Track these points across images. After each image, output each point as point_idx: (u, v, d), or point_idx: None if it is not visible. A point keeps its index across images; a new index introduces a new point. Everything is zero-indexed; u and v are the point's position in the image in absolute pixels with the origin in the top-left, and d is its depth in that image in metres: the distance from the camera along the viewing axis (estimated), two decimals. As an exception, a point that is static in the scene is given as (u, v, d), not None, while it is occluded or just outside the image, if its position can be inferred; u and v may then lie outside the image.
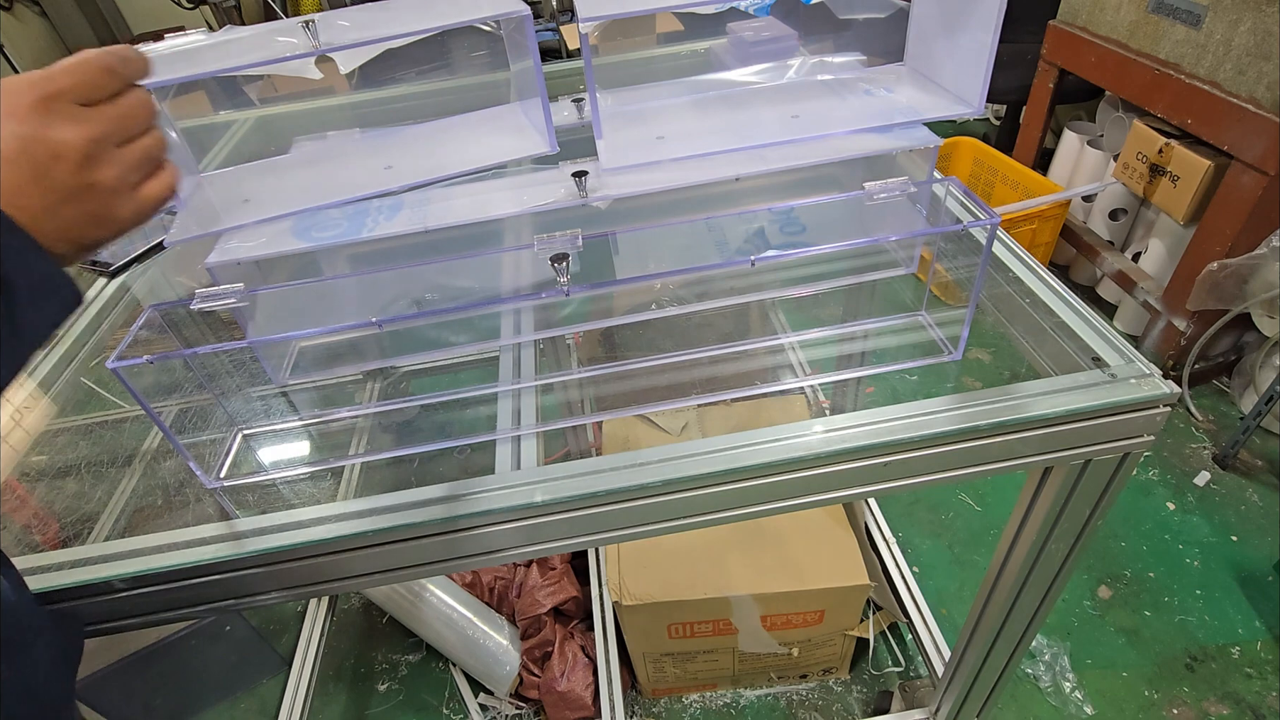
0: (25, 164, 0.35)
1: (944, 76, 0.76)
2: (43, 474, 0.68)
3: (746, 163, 0.69)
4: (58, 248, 0.36)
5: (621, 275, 0.67)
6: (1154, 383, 0.59)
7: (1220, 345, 1.78)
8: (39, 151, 0.35)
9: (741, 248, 0.64)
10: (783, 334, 0.80)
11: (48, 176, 0.35)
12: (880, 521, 1.42)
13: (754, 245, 0.70)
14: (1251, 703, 1.25)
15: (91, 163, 0.37)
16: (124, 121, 0.39)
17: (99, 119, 0.37)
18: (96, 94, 0.38)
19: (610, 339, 0.83)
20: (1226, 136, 1.52)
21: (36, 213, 0.35)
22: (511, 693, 1.32)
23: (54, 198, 0.36)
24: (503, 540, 0.58)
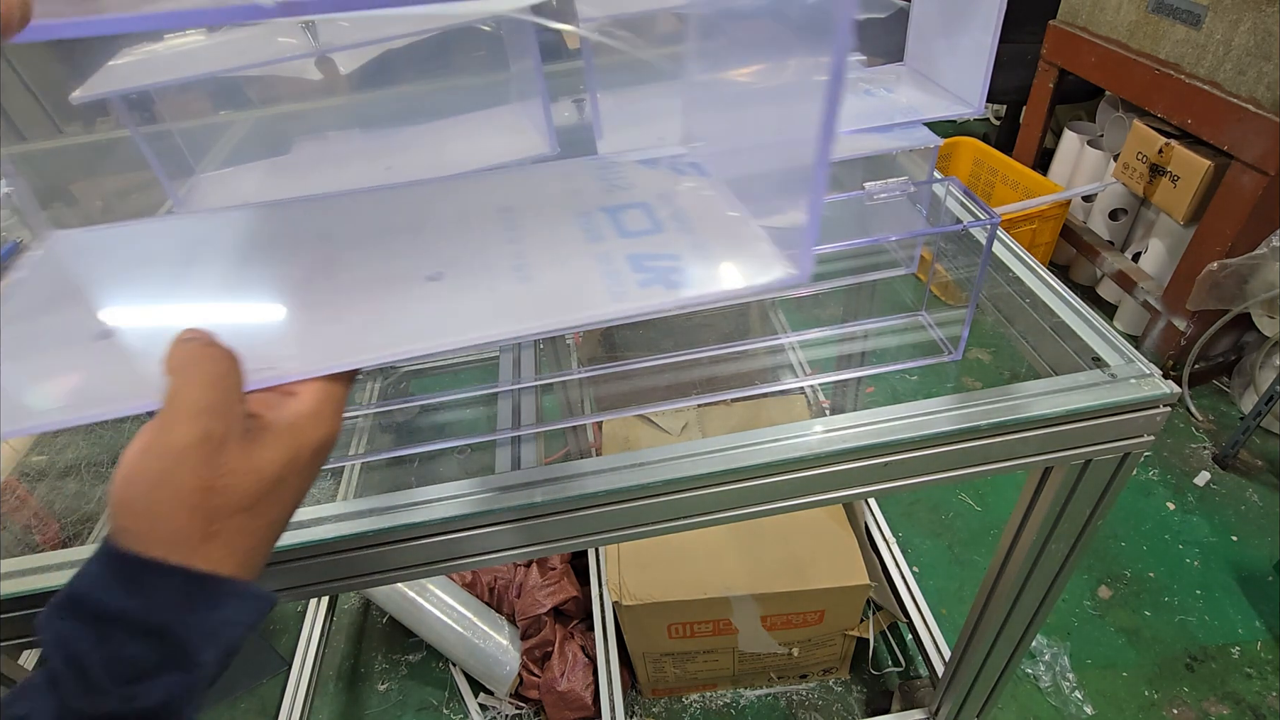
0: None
1: (944, 76, 0.76)
2: (43, 474, 0.68)
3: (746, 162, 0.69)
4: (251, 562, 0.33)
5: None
6: (1154, 383, 0.59)
7: (1220, 345, 1.78)
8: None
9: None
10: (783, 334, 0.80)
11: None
12: (880, 521, 1.42)
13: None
14: (1251, 703, 1.25)
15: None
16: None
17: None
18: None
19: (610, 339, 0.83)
20: (1226, 136, 1.52)
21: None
22: (511, 693, 1.32)
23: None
24: (503, 540, 0.58)
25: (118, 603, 0.29)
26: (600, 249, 0.43)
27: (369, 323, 0.38)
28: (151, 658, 0.29)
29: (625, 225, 0.45)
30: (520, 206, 0.48)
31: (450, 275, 0.41)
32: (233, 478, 0.30)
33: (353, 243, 0.45)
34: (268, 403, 0.33)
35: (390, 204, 0.49)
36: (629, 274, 0.41)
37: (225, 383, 0.32)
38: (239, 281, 0.42)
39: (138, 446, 0.30)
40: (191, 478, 0.30)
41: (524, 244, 0.44)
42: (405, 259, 0.43)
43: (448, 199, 0.50)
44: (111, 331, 0.39)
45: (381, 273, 0.42)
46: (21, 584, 0.54)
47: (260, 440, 0.32)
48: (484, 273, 0.42)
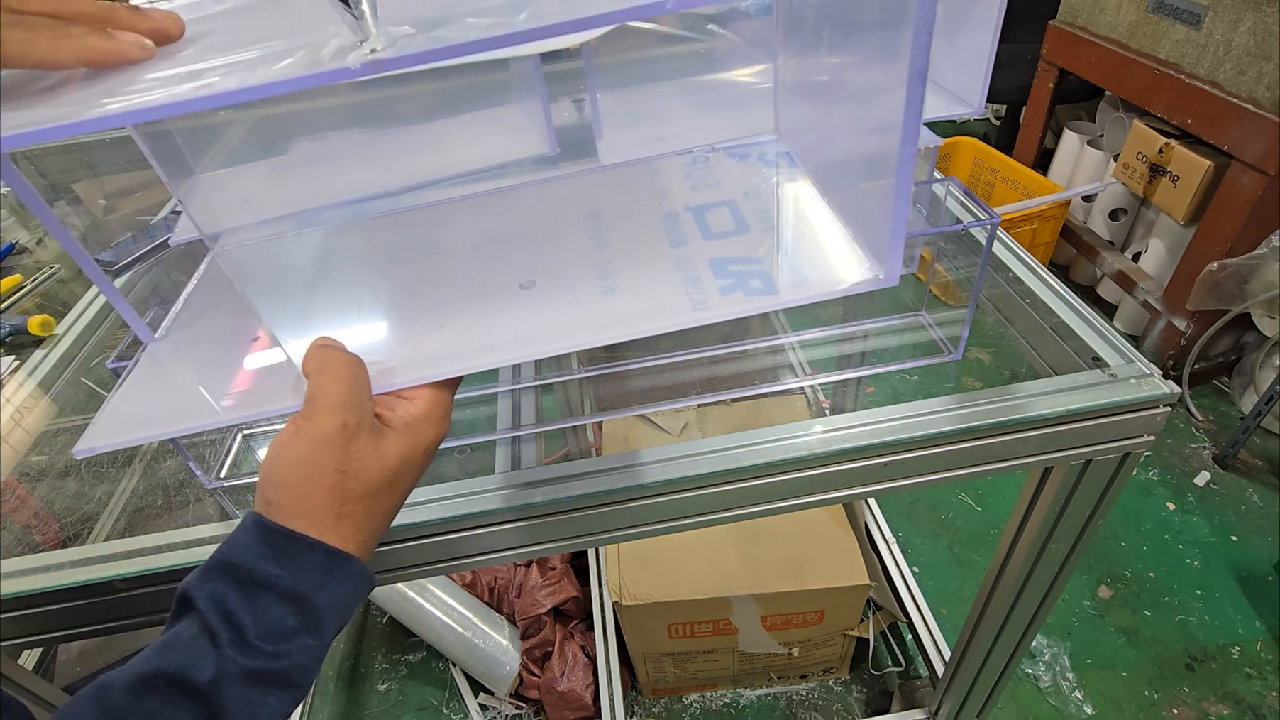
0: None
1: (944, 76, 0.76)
2: (43, 474, 0.68)
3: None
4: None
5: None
6: (1154, 383, 0.59)
7: (1220, 345, 1.78)
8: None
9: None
10: (783, 334, 0.80)
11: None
12: (880, 521, 1.42)
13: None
14: (1251, 703, 1.25)
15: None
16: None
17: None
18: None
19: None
20: (1226, 136, 1.52)
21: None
22: (511, 693, 1.32)
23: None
24: (503, 540, 0.58)
25: (267, 569, 0.32)
26: (683, 253, 0.45)
27: (469, 332, 0.42)
28: (292, 622, 0.33)
29: (710, 226, 0.46)
30: (609, 210, 0.50)
31: (541, 283, 0.45)
32: (362, 465, 0.35)
33: (456, 251, 0.49)
34: (388, 404, 0.38)
35: (491, 210, 0.52)
36: (710, 280, 0.42)
37: (357, 382, 0.36)
38: (360, 293, 0.48)
39: (288, 432, 0.35)
40: (331, 461, 0.34)
41: (610, 250, 0.46)
42: (501, 267, 0.47)
43: (543, 204, 0.52)
44: (261, 339, 0.45)
45: (480, 281, 0.46)
46: (21, 584, 0.54)
47: (384, 435, 0.36)
48: (571, 282, 0.44)
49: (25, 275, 0.98)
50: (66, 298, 0.93)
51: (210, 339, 0.46)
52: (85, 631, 0.57)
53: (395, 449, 0.36)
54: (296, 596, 0.33)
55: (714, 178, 0.52)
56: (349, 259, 0.51)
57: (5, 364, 0.80)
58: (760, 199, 0.49)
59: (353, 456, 0.34)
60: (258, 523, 0.34)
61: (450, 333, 0.42)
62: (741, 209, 0.48)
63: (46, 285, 0.97)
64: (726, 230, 0.46)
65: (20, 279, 0.96)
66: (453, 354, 0.41)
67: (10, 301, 0.93)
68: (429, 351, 0.41)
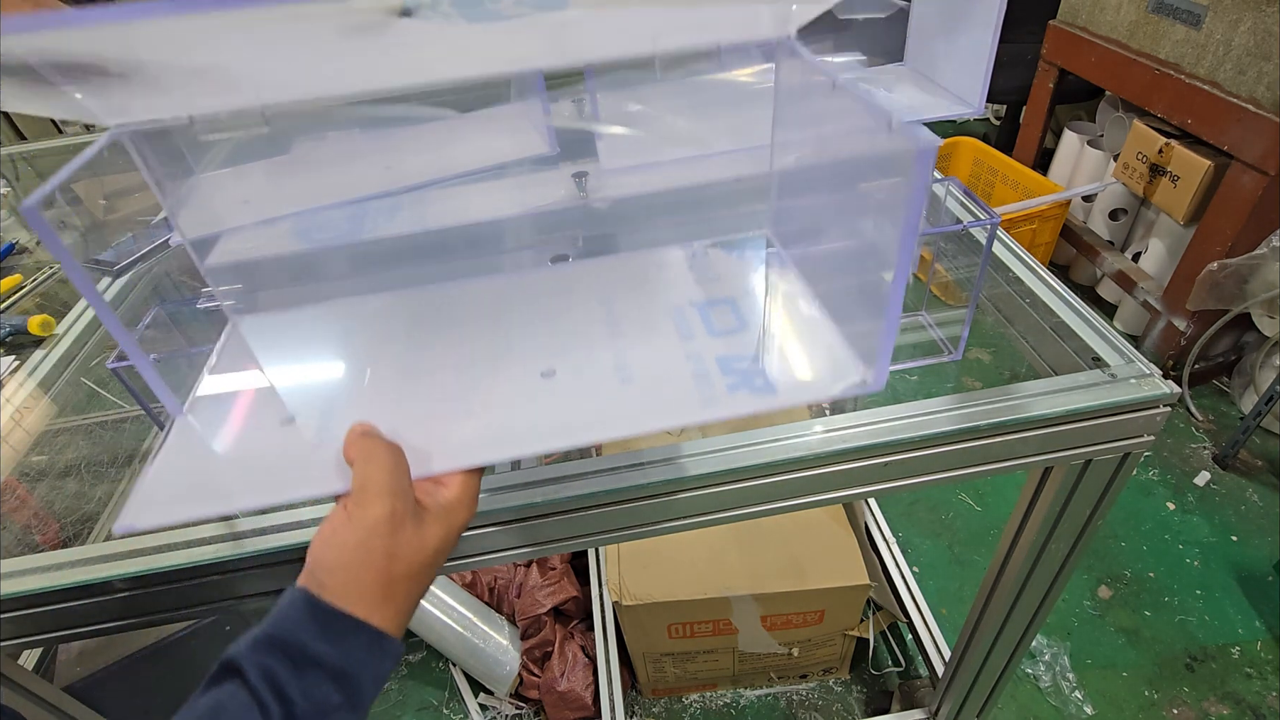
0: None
1: (944, 76, 0.76)
2: (43, 474, 0.68)
3: (747, 163, 0.69)
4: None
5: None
6: (1154, 383, 0.59)
7: (1220, 345, 1.78)
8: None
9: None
10: (783, 334, 0.80)
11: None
12: (880, 521, 1.42)
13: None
14: (1251, 703, 1.25)
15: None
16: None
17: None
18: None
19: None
20: (1226, 136, 1.52)
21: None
22: (511, 693, 1.32)
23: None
24: (503, 540, 0.58)
25: (318, 647, 0.34)
26: (692, 347, 0.48)
27: (497, 419, 0.45)
28: (337, 698, 0.35)
29: (714, 323, 0.51)
30: (620, 299, 0.54)
31: (560, 371, 0.48)
32: (408, 550, 0.37)
33: (478, 334, 0.52)
34: (425, 490, 0.40)
35: (509, 293, 0.56)
36: (718, 377, 0.46)
37: (400, 470, 0.39)
38: (387, 375, 0.49)
39: (340, 518, 0.37)
40: (380, 546, 0.36)
41: (624, 340, 0.50)
42: (523, 353, 0.50)
43: (558, 289, 0.56)
44: (293, 418, 0.46)
45: (504, 367, 0.49)
46: (21, 584, 0.54)
47: (424, 520, 0.38)
48: (590, 372, 0.47)
49: (25, 275, 0.98)
50: (67, 297, 0.93)
51: (241, 414, 0.47)
52: (85, 631, 0.57)
53: (434, 533, 0.38)
54: (343, 675, 0.35)
55: (713, 272, 0.56)
56: (373, 337, 0.53)
57: (5, 364, 0.80)
58: (757, 298, 0.53)
59: (399, 543, 0.37)
60: (309, 601, 0.35)
61: (479, 419, 0.45)
62: (741, 306, 0.52)
63: (47, 285, 0.97)
64: (729, 328, 0.50)
65: (20, 279, 0.97)
66: (483, 442, 0.43)
67: (10, 301, 0.93)
68: (461, 438, 0.44)
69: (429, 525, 0.38)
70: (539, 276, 0.59)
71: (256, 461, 0.44)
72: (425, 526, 0.38)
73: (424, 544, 0.38)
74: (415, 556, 0.37)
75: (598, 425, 0.44)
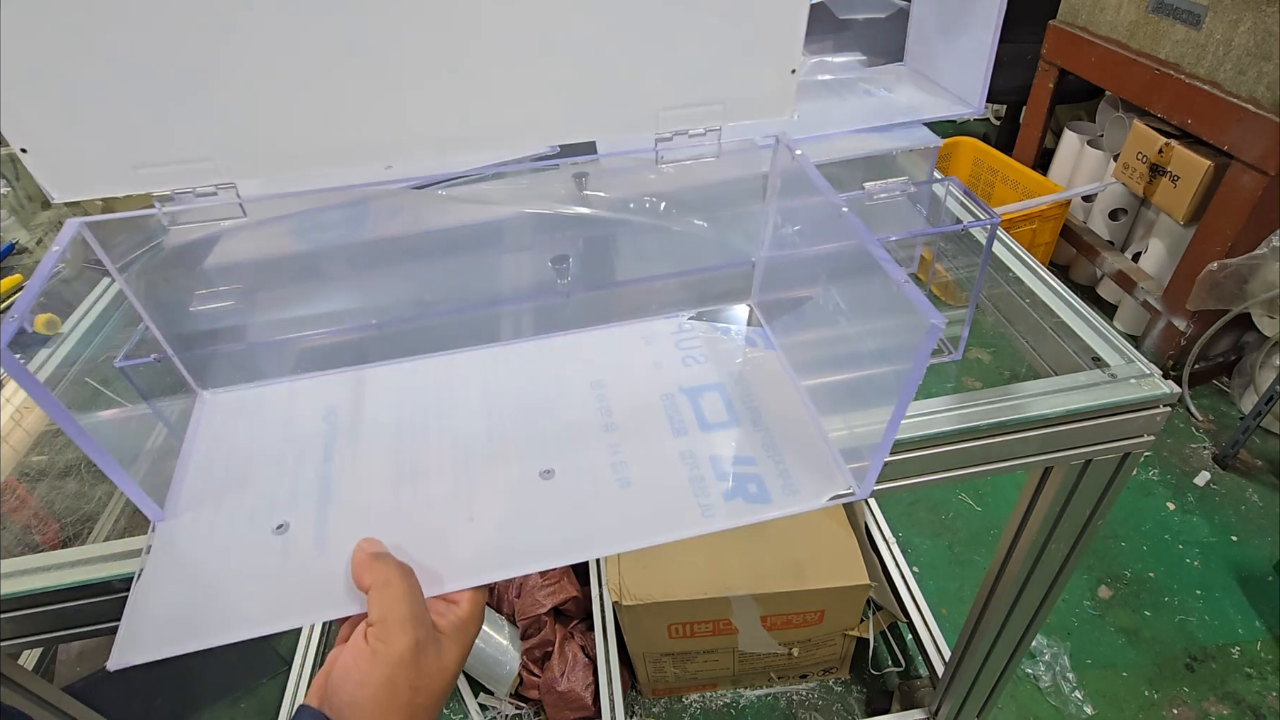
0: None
1: (944, 76, 0.76)
2: (43, 474, 0.68)
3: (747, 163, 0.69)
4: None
5: (621, 276, 0.67)
6: (1154, 383, 0.59)
7: (1220, 345, 1.78)
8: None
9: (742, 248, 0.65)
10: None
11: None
12: (880, 521, 1.42)
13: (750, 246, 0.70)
14: (1251, 703, 1.25)
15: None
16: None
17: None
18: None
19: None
20: (1226, 136, 1.52)
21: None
22: (511, 692, 1.32)
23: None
24: (503, 540, 0.58)
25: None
26: (685, 445, 0.50)
27: (502, 530, 0.45)
28: None
29: (704, 413, 0.52)
30: (611, 380, 0.55)
31: (559, 471, 0.48)
32: (430, 679, 0.37)
33: (471, 421, 0.51)
34: (438, 610, 0.40)
35: (495, 372, 0.56)
36: (713, 483, 0.47)
37: (417, 595, 0.38)
38: (381, 470, 0.48)
39: (363, 654, 0.36)
40: (405, 681, 0.35)
41: (619, 434, 0.50)
42: (520, 451, 0.49)
43: (546, 368, 0.56)
44: (287, 525, 0.44)
45: (501, 465, 0.48)
46: (21, 584, 0.54)
47: (443, 645, 0.38)
48: (588, 472, 0.48)
49: (25, 275, 0.98)
50: (69, 297, 0.93)
51: (226, 522, 0.45)
52: (85, 631, 0.57)
53: (452, 656, 0.38)
54: None
55: (701, 354, 0.57)
56: (359, 421, 0.52)
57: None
58: (745, 386, 0.54)
59: (423, 673, 0.36)
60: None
61: (482, 530, 0.45)
62: (730, 395, 0.54)
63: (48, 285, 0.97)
64: (720, 421, 0.52)
65: (21, 279, 0.97)
66: (490, 557, 0.43)
67: (11, 301, 0.93)
68: (467, 553, 0.44)
69: (447, 648, 0.38)
70: (528, 349, 0.59)
71: (254, 578, 0.42)
72: (444, 650, 0.38)
73: (445, 668, 0.37)
74: (438, 683, 0.37)
75: (601, 539, 0.44)
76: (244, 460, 0.49)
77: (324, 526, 0.44)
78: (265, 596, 0.41)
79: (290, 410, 0.53)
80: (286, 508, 0.45)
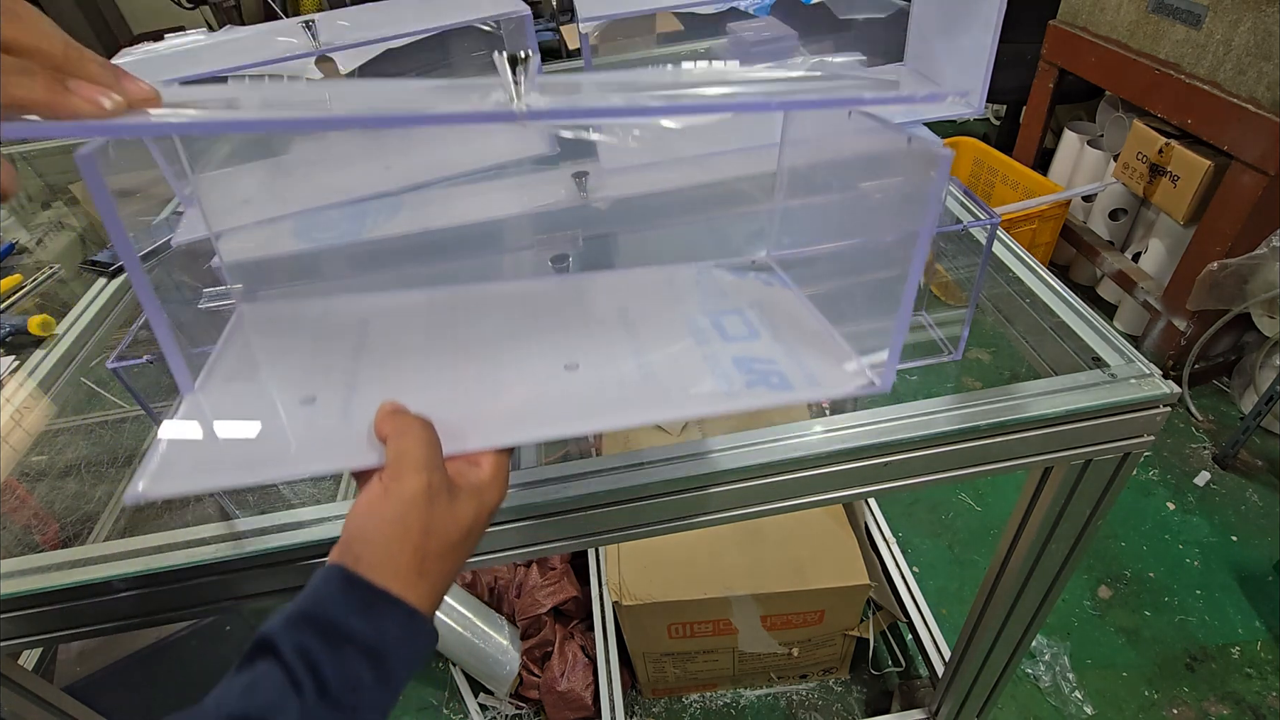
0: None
1: (944, 76, 0.76)
2: (43, 474, 0.68)
3: (747, 163, 0.69)
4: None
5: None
6: (1154, 383, 0.59)
7: (1220, 345, 1.78)
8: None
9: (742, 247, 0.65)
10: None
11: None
12: (880, 521, 1.42)
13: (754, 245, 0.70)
14: (1252, 703, 1.25)
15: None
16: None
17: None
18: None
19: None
20: (1226, 136, 1.52)
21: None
22: (511, 693, 1.32)
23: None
24: (503, 540, 0.58)
25: (352, 623, 0.34)
26: (708, 350, 0.50)
27: (528, 403, 0.45)
28: (370, 677, 0.34)
29: (726, 330, 0.52)
30: (635, 308, 0.55)
31: (585, 365, 0.49)
32: (442, 525, 0.37)
33: (498, 327, 0.53)
34: (458, 469, 0.40)
35: (526, 300, 0.57)
36: (736, 375, 0.47)
37: (434, 445, 0.38)
38: (411, 362, 0.49)
39: (376, 491, 0.37)
40: (417, 520, 0.36)
41: (643, 341, 0.51)
42: (546, 350, 0.50)
43: (573, 298, 0.57)
44: (314, 398, 0.45)
45: (530, 361, 0.49)
46: (21, 584, 0.54)
47: (458, 497, 0.38)
48: (613, 366, 0.49)
49: (25, 275, 0.98)
50: (66, 297, 0.93)
51: (256, 395, 0.46)
52: (85, 631, 0.57)
53: (467, 511, 0.38)
54: (376, 653, 0.34)
55: (719, 290, 0.58)
56: (391, 327, 0.53)
57: (5, 364, 0.80)
58: (765, 311, 0.55)
59: (434, 517, 0.37)
60: (344, 576, 0.35)
61: (507, 403, 0.45)
62: (750, 318, 0.54)
63: (46, 285, 0.97)
64: (741, 335, 0.52)
65: (20, 279, 0.96)
66: (515, 422, 0.43)
67: (10, 301, 0.93)
68: (491, 418, 0.43)
69: (462, 502, 0.38)
70: (552, 285, 0.59)
71: (279, 436, 0.42)
72: (459, 503, 0.38)
73: (458, 520, 0.38)
74: (449, 532, 0.37)
75: (626, 410, 0.44)
76: (275, 352, 0.50)
77: (350, 402, 0.44)
78: (289, 449, 0.42)
79: (324, 317, 0.54)
80: (315, 385, 0.46)
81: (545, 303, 0.56)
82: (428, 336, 0.52)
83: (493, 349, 0.50)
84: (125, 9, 4.03)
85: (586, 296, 0.57)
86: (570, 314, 0.55)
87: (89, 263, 0.95)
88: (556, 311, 0.55)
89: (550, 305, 0.56)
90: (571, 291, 0.58)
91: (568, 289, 0.58)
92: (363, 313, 0.54)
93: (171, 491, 0.39)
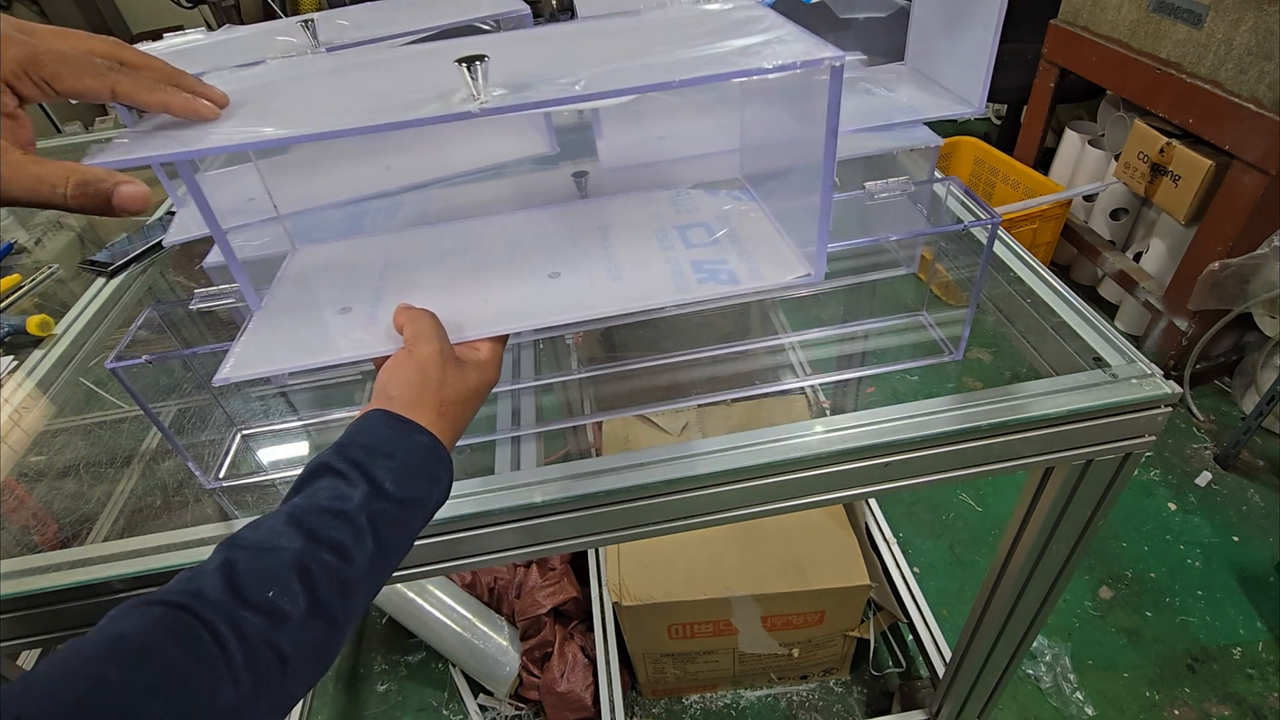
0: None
1: (945, 76, 0.76)
2: (42, 474, 0.68)
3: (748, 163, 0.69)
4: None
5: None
6: (1155, 383, 0.59)
7: (1221, 345, 1.78)
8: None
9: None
10: (783, 334, 0.80)
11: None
12: (881, 521, 1.42)
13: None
14: (1253, 703, 1.25)
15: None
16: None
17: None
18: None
19: (610, 339, 0.83)
20: (1228, 136, 1.52)
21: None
22: (511, 693, 1.32)
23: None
24: (503, 540, 0.58)
25: (390, 445, 0.43)
26: (670, 256, 0.59)
27: (517, 301, 0.56)
28: (400, 492, 0.43)
29: (690, 239, 0.61)
30: (614, 225, 0.65)
31: (565, 274, 0.58)
32: (455, 382, 0.47)
33: (495, 252, 0.63)
34: (462, 351, 0.51)
35: (522, 225, 0.66)
36: (690, 275, 0.56)
37: (441, 326, 0.50)
38: (422, 277, 0.60)
39: (401, 356, 0.48)
40: (434, 374, 0.46)
41: (615, 250, 0.61)
42: (533, 263, 0.60)
43: (562, 221, 0.66)
44: (350, 309, 0.57)
45: (517, 272, 0.59)
46: (21, 584, 0.54)
47: (465, 367, 0.49)
48: (588, 273, 0.58)
49: (24, 275, 0.97)
50: (65, 297, 0.93)
51: (306, 308, 0.59)
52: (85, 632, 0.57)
53: (471, 376, 0.49)
54: (408, 468, 0.43)
55: (693, 206, 0.66)
56: (403, 255, 0.64)
57: (4, 364, 0.80)
58: (726, 221, 0.63)
59: (447, 375, 0.47)
60: (383, 414, 0.44)
61: (499, 304, 0.55)
62: (713, 227, 0.62)
63: (45, 285, 0.97)
64: (702, 242, 0.61)
65: (19, 279, 0.96)
66: (505, 316, 0.54)
67: (9, 301, 0.93)
68: (486, 315, 0.54)
69: (468, 369, 0.49)
70: (545, 214, 0.68)
71: (324, 334, 0.55)
72: (466, 371, 0.48)
73: (466, 381, 0.48)
74: (461, 388, 0.47)
75: (594, 305, 0.54)
76: (319, 280, 0.62)
77: (376, 309, 0.56)
78: (336, 340, 0.54)
79: (355, 252, 0.65)
80: (349, 299, 0.58)
81: (538, 227, 0.66)
82: (439, 258, 0.63)
83: (490, 266, 0.60)
84: (124, 8, 4.03)
85: (574, 220, 0.66)
86: (559, 235, 0.64)
87: (87, 263, 0.95)
88: (547, 234, 0.65)
89: (542, 229, 0.66)
90: (561, 218, 0.67)
91: (559, 216, 0.67)
92: (386, 246, 0.65)
93: (250, 374, 0.51)
